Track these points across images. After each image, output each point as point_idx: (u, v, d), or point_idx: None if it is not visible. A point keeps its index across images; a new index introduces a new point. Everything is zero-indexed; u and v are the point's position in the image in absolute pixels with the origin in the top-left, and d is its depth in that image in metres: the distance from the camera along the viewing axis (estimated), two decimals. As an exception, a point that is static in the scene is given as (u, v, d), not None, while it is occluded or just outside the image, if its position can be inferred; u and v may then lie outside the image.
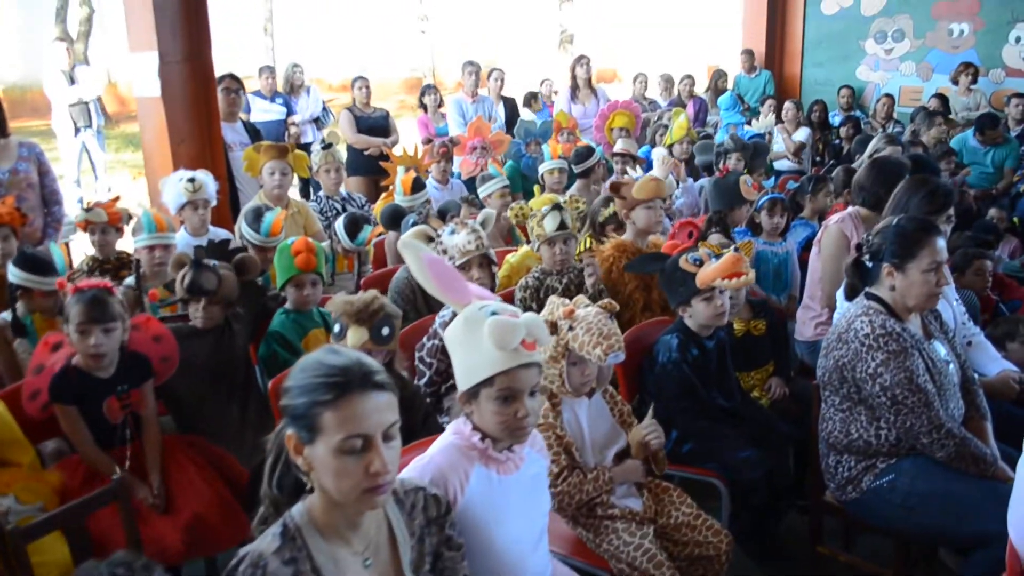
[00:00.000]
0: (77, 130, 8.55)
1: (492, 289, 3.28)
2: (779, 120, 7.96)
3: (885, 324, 2.54)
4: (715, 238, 4.04)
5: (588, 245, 4.46)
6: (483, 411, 1.88)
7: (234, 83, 5.58)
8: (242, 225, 4.29)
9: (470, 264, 3.16)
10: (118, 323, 2.78)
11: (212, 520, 2.73)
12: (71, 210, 6.33)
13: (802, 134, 7.80)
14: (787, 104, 7.96)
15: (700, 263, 2.98)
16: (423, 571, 1.72)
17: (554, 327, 2.41)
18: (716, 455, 2.86)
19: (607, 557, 2.40)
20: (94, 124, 8.71)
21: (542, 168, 5.86)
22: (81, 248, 5.07)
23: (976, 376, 2.93)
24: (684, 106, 9.26)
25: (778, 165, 7.71)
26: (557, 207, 3.68)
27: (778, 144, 8.08)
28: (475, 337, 1.81)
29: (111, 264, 4.29)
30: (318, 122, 8.97)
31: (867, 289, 2.69)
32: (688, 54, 15.34)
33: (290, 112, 8.79)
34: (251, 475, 2.62)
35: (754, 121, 7.68)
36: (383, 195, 6.09)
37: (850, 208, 3.95)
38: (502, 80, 8.64)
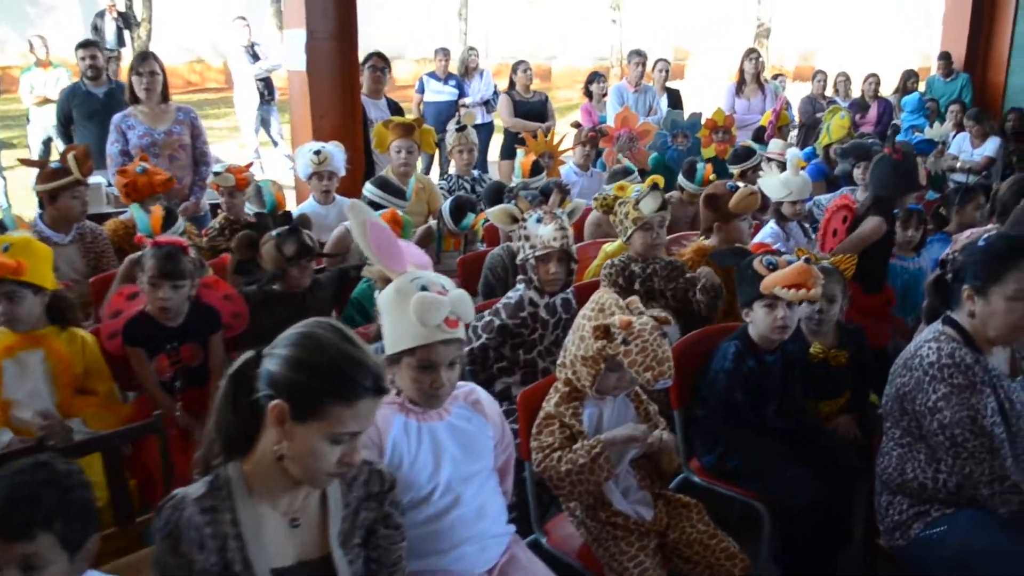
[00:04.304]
0: (263, 103, 9.22)
1: (567, 285, 3.18)
2: (961, 128, 7.19)
3: (955, 354, 2.23)
4: None
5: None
6: (403, 376, 2.01)
7: (380, 61, 5.80)
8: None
9: (550, 257, 3.05)
10: (187, 280, 2.98)
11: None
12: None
13: (990, 146, 7.00)
14: (969, 112, 7.17)
15: (774, 267, 2.76)
16: (352, 543, 1.72)
17: (605, 332, 2.31)
18: (762, 475, 2.65)
19: (603, 561, 2.29)
20: (276, 97, 9.37)
21: (692, 188, 5.43)
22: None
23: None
24: (867, 107, 8.63)
25: (959, 178, 6.98)
26: (655, 187, 3.54)
27: (965, 153, 7.33)
28: (402, 308, 1.90)
29: (240, 225, 4.61)
30: (488, 105, 9.14)
31: (947, 312, 2.37)
32: (892, 53, 14.24)
33: (462, 94, 9.02)
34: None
35: (936, 126, 6.97)
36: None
37: (989, 226, 3.52)
38: (667, 71, 8.45)
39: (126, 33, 16.02)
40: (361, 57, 5.81)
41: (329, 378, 1.55)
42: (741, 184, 3.66)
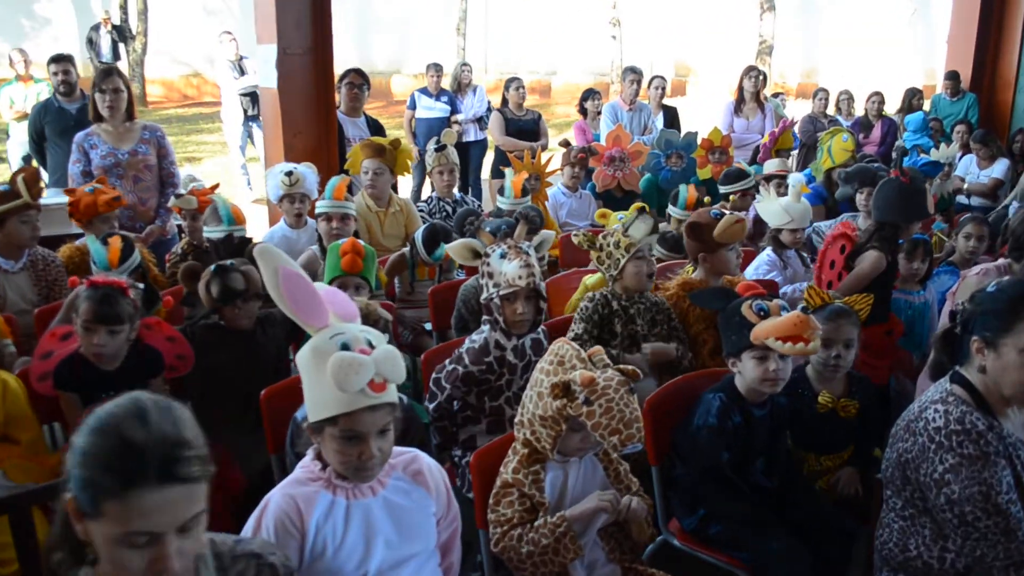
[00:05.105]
0: (248, 118, 8.97)
1: (536, 325, 2.88)
2: (968, 149, 6.91)
3: (964, 419, 1.95)
4: None
5: None
6: (327, 448, 1.76)
7: (358, 78, 5.55)
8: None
9: (516, 296, 2.76)
10: (125, 325, 2.72)
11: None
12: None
13: (998, 168, 6.72)
14: (975, 135, 6.90)
15: (765, 314, 2.49)
16: None
17: (565, 389, 2.05)
18: (747, 543, 2.37)
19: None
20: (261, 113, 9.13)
21: (677, 214, 5.22)
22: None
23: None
24: (871, 127, 8.38)
25: (963, 201, 6.71)
26: (643, 210, 3.29)
27: (972, 175, 7.06)
28: (321, 370, 1.64)
29: (203, 249, 4.36)
30: (481, 122, 8.93)
31: (956, 368, 2.10)
32: (896, 71, 14.01)
33: (455, 110, 8.80)
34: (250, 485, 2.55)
35: (941, 147, 6.70)
36: (502, 201, 5.90)
37: (1000, 260, 3.25)
38: (663, 88, 8.22)
39: (121, 47, 15.89)
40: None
41: (96, 467, 1.26)
42: (726, 211, 3.38)
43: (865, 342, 3.29)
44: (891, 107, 8.91)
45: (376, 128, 5.66)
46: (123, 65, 16.45)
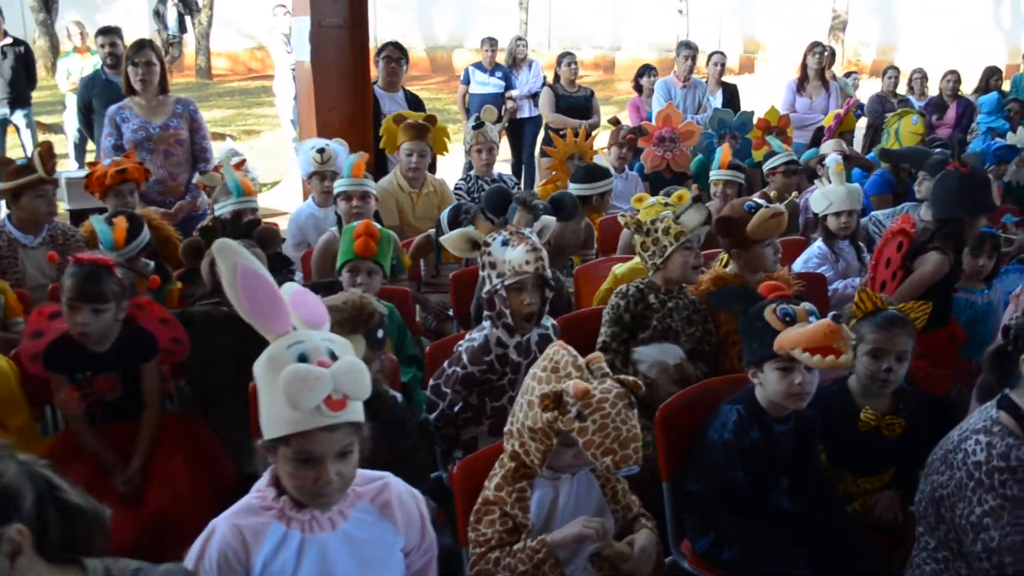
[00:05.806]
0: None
1: (540, 316, 2.65)
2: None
3: (1010, 454, 1.69)
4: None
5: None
6: (282, 470, 1.59)
7: (396, 51, 5.39)
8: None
9: (523, 285, 2.55)
10: (111, 304, 2.61)
11: (177, 518, 2.53)
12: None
13: (1084, 153, 6.19)
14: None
15: (791, 320, 2.24)
16: None
17: (556, 401, 1.86)
18: (761, 571, 2.14)
19: None
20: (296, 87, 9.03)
21: (713, 175, 5.03)
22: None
23: None
24: (945, 108, 7.87)
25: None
26: (698, 199, 3.05)
27: (1056, 162, 6.53)
28: (275, 383, 1.48)
29: (211, 227, 4.28)
30: (535, 98, 8.70)
31: (1006, 391, 1.83)
32: (979, 50, 13.20)
33: (509, 86, 8.60)
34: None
35: (1019, 131, 6.20)
36: (542, 182, 5.69)
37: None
38: (722, 65, 7.85)
39: (187, 19, 16.07)
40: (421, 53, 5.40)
41: None
42: (763, 203, 3.10)
43: (924, 349, 2.96)
44: (968, 87, 8.37)
45: (415, 103, 5.49)
46: (189, 38, 16.67)
